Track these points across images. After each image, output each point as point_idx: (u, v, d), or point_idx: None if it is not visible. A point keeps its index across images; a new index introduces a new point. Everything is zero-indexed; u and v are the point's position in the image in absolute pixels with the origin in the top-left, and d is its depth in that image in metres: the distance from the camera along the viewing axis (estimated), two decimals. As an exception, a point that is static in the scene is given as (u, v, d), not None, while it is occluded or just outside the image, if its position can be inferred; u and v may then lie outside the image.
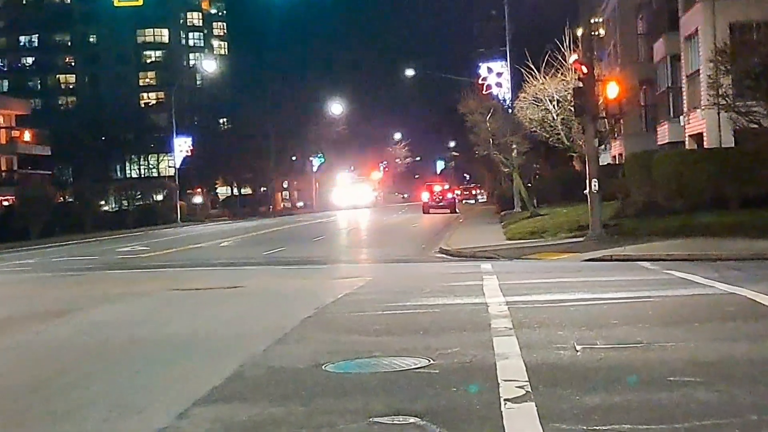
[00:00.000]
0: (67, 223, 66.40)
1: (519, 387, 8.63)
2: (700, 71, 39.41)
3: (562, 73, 41.36)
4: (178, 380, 9.94)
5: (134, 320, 15.62)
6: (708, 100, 35.66)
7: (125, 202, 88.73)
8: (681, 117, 44.52)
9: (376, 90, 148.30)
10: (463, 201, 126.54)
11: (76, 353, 12.12)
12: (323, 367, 10.09)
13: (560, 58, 42.21)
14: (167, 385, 9.74)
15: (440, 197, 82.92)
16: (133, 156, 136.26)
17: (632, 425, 7.26)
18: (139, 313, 16.74)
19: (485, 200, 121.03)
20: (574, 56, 38.00)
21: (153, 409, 8.53)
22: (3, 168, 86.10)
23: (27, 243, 54.79)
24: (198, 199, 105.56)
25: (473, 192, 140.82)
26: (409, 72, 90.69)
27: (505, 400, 8.16)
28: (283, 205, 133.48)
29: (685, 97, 43.75)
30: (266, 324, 13.87)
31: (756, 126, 30.93)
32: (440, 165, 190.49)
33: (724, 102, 32.21)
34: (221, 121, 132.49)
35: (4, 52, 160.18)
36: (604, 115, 34.76)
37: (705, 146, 39.62)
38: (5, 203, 77.55)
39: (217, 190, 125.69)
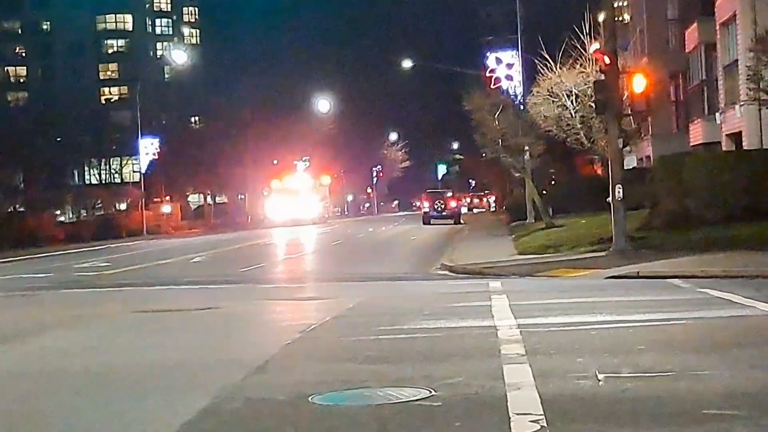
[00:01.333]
0: (16, 236, 66.40)
1: (533, 422, 8.57)
2: (739, 62, 39.46)
3: (581, 65, 41.31)
4: (144, 415, 9.88)
5: (93, 347, 15.57)
6: (748, 94, 35.67)
7: (84, 212, 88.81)
8: (717, 114, 44.54)
9: (368, 84, 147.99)
10: (474, 210, 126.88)
11: (25, 385, 12.06)
12: (309, 398, 10.03)
13: (579, 47, 42.16)
14: (131, 421, 9.67)
15: (443, 206, 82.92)
16: (92, 159, 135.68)
17: (662, 465, 7.24)
18: (99, 339, 16.68)
19: (494, 209, 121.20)
20: (596, 45, 38.02)
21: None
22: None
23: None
24: (167, 209, 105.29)
25: (484, 200, 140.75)
26: (406, 63, 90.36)
27: (516, 437, 8.12)
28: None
29: (721, 92, 43.76)
30: (244, 350, 13.83)
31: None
32: (442, 169, 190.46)
33: (766, 97, 32.24)
34: (193, 119, 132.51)
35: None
36: (629, 112, 34.73)
37: (744, 147, 39.65)
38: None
39: (188, 199, 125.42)
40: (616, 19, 37.06)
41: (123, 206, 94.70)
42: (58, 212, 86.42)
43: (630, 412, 8.91)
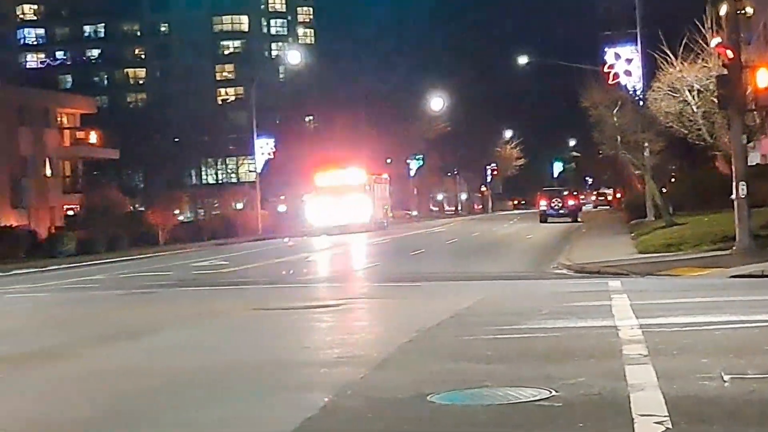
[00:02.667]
0: (137, 235, 67.47)
1: (657, 423, 8.46)
2: None
3: (703, 59, 40.62)
4: (266, 411, 10.00)
5: (213, 344, 15.78)
6: None
7: (202, 212, 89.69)
8: (844, 108, 43.48)
9: (483, 82, 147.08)
10: (598, 207, 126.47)
11: (150, 381, 12.26)
12: (428, 397, 10.03)
13: (701, 41, 41.50)
14: (252, 417, 9.81)
15: (560, 204, 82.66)
16: (209, 159, 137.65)
17: (792, 468, 7.10)
18: (219, 336, 16.90)
19: (612, 207, 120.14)
20: (717, 39, 37.37)
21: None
22: (67, 173, 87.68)
23: (93, 257, 55.82)
24: (282, 208, 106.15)
25: (608, 197, 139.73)
26: (522, 60, 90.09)
27: (641, 438, 8.03)
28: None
29: None
30: (362, 348, 13.90)
31: None
32: (558, 167, 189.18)
33: None
34: (307, 119, 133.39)
35: (67, 44, 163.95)
36: (753, 107, 34.05)
37: None
38: (69, 213, 79.21)
39: (302, 198, 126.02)
40: (738, 12, 36.35)
41: (240, 205, 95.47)
42: (176, 211, 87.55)
43: (758, 413, 8.77)
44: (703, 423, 8.44)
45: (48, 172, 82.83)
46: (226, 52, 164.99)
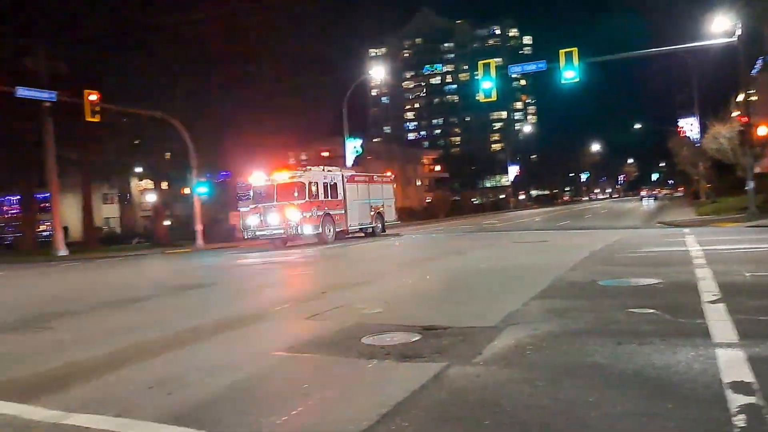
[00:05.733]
0: (457, 210, 68.30)
1: (713, 296, 7.87)
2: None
3: (730, 122, 36.67)
4: (521, 287, 9.96)
5: (496, 256, 15.82)
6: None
7: (485, 199, 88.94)
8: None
9: (619, 134, 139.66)
10: (674, 195, 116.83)
11: (465, 272, 12.51)
12: (597, 282, 9.72)
13: (730, 111, 37.54)
14: (515, 289, 9.78)
15: (653, 193, 79.23)
16: (488, 176, 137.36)
17: (786, 319, 6.45)
18: (498, 254, 16.91)
19: (682, 195, 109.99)
20: (737, 112, 33.52)
21: (508, 301, 8.63)
22: (426, 183, 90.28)
23: (437, 220, 56.93)
24: (521, 197, 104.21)
25: (679, 190, 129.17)
26: (637, 125, 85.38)
27: (705, 302, 7.51)
28: (565, 199, 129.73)
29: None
30: (563, 260, 13.56)
31: None
32: (655, 176, 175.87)
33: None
34: (533, 156, 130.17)
35: (424, 128, 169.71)
36: (755, 145, 30.30)
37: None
38: (427, 201, 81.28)
39: (530, 192, 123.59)
40: (749, 98, 32.30)
41: (502, 196, 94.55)
42: (474, 199, 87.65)
43: (763, 291, 7.97)
44: (737, 296, 7.78)
45: (418, 183, 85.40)
46: (495, 128, 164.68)
